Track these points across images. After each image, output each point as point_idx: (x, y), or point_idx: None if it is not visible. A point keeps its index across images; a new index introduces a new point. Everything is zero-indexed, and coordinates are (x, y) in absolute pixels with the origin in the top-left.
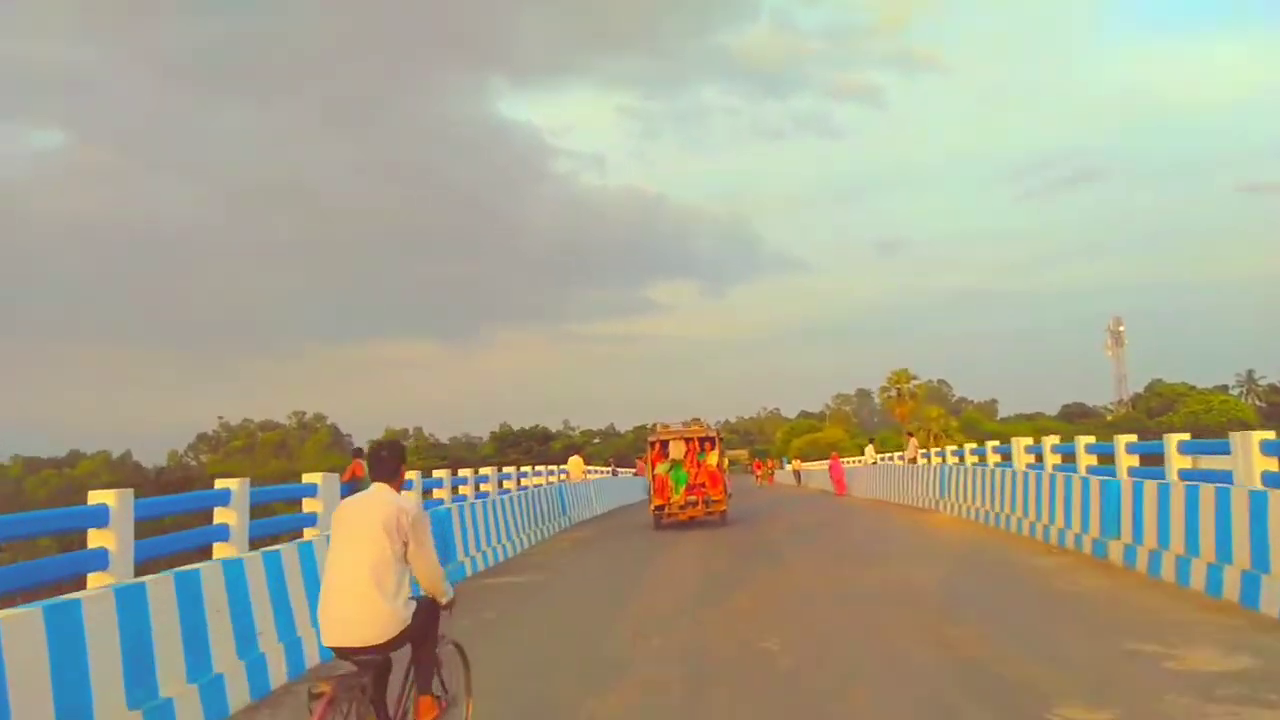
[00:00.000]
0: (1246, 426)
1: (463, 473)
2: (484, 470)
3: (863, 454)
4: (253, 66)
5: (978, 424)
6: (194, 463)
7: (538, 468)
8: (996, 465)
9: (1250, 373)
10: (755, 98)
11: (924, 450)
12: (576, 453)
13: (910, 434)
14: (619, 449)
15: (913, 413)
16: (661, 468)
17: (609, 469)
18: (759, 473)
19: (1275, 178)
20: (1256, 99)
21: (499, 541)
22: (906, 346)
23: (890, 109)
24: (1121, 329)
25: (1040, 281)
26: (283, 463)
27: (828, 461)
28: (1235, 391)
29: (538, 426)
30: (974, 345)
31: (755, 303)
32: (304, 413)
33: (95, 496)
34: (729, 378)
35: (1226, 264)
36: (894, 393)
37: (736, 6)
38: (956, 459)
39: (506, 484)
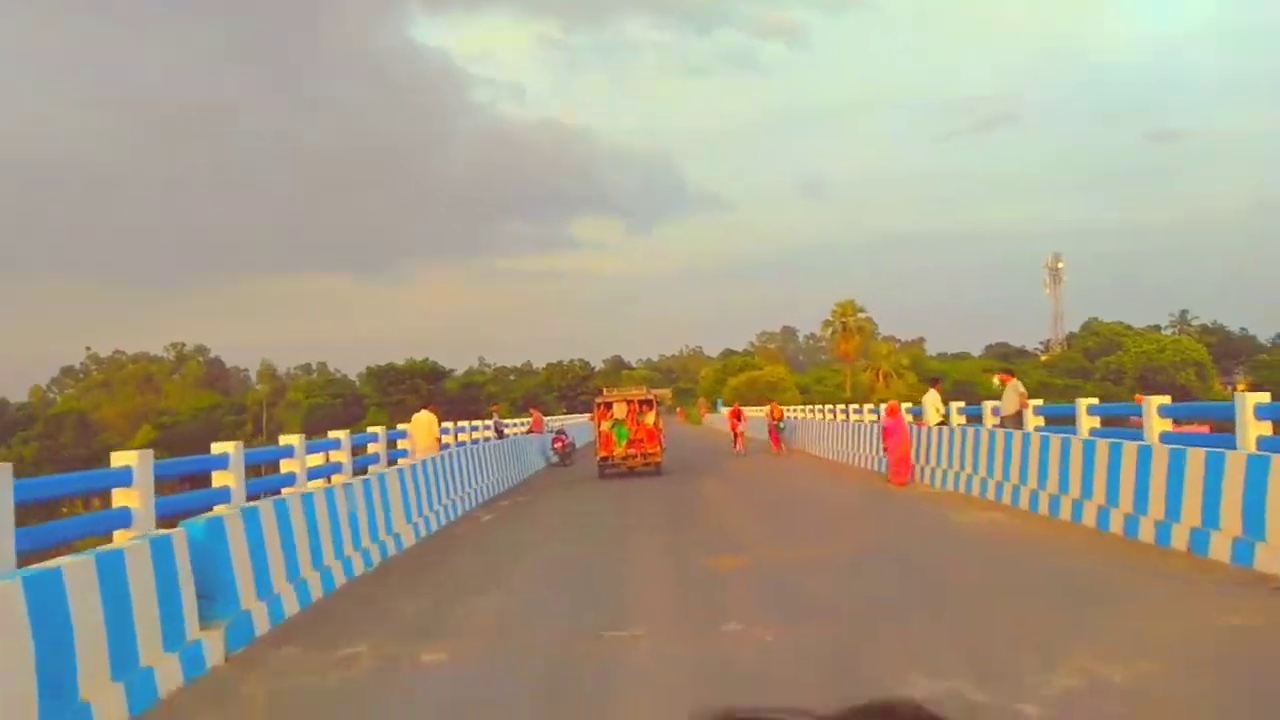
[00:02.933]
0: (1201, 368)
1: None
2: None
3: (920, 405)
4: None
5: (922, 362)
6: (57, 398)
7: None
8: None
9: (1184, 313)
10: (680, 32)
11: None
12: (436, 401)
13: (1008, 373)
14: (530, 389)
15: (860, 348)
16: (606, 425)
17: (513, 423)
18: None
19: (1181, 125)
20: (1170, 47)
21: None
22: (830, 286)
23: (814, 48)
24: (1060, 266)
25: (961, 223)
26: (149, 399)
27: (768, 411)
28: (1169, 332)
29: (426, 361)
30: (898, 286)
31: (679, 240)
32: (182, 344)
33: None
34: (651, 315)
35: (1139, 208)
36: (839, 326)
37: None
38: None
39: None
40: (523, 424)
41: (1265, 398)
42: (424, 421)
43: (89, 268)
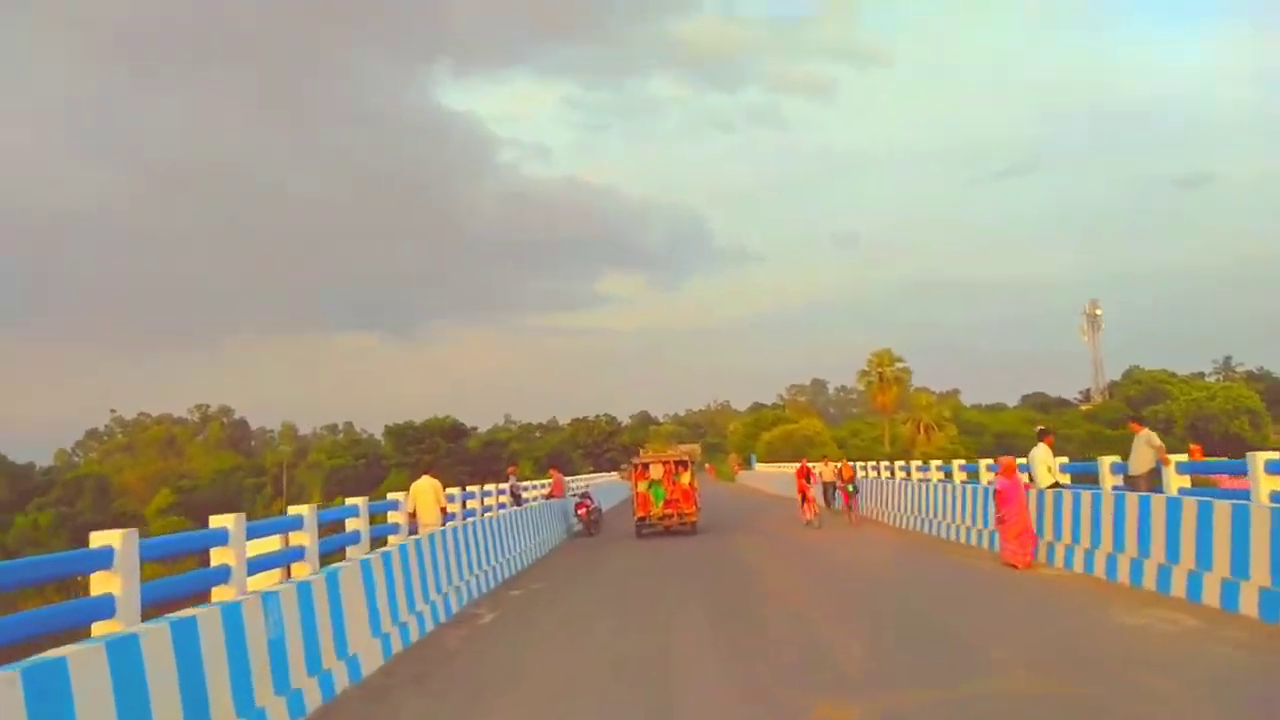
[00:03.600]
0: (1255, 415)
1: None
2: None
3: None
4: (187, 47)
5: (960, 414)
6: (80, 461)
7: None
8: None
9: (1228, 359)
10: (703, 89)
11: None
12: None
13: (1138, 421)
14: (554, 446)
15: (898, 400)
16: (643, 485)
17: (532, 485)
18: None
19: (1207, 169)
20: (1195, 94)
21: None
22: (857, 339)
23: (838, 102)
24: (1099, 313)
25: (989, 272)
26: (171, 461)
27: (819, 466)
28: (1213, 379)
29: (447, 418)
30: (928, 338)
31: (706, 295)
32: (206, 406)
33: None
34: (678, 370)
35: (1170, 254)
36: (875, 377)
37: None
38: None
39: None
40: (543, 485)
41: None
42: (425, 490)
43: (115, 328)
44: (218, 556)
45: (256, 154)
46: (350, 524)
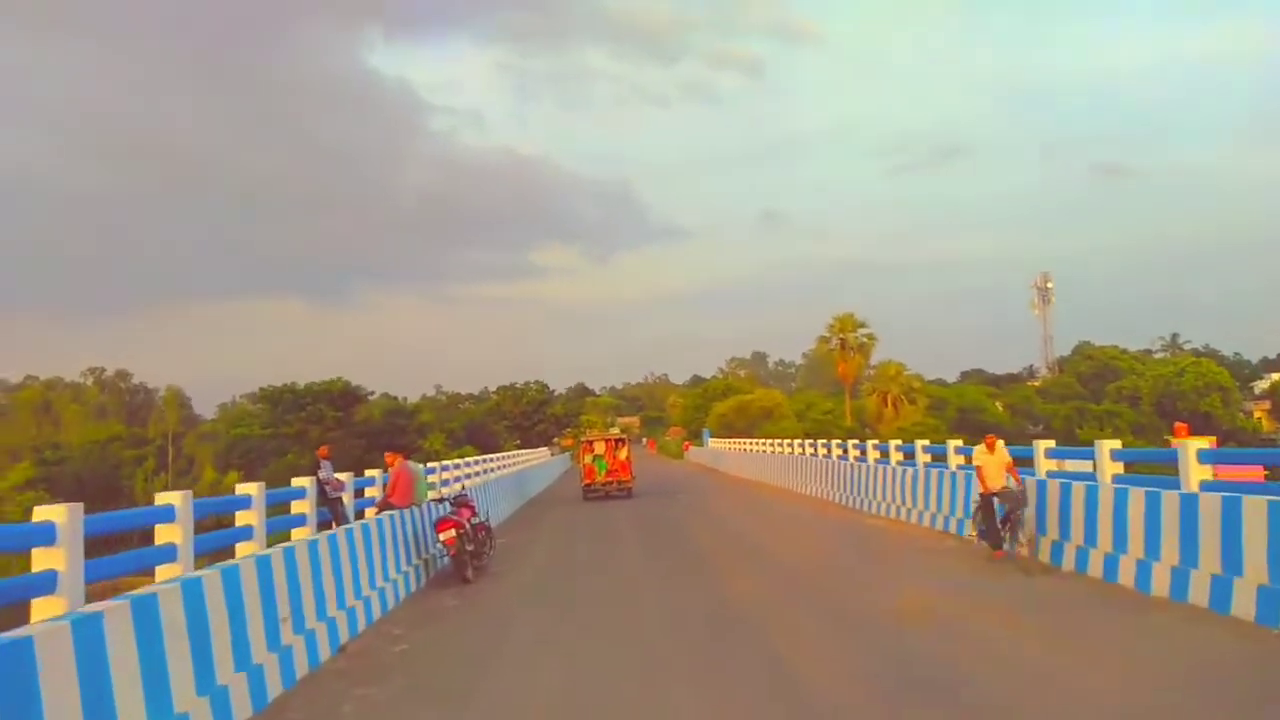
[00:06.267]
0: (1226, 393)
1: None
2: None
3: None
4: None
5: (925, 389)
6: None
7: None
8: None
9: (1175, 336)
10: (639, 62)
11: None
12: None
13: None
14: (476, 417)
15: (861, 370)
16: (588, 458)
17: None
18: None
19: (1126, 159)
20: (1115, 83)
21: None
22: (794, 316)
23: (772, 80)
24: (1050, 285)
25: (921, 252)
26: (46, 429)
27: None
28: (1159, 356)
29: (338, 381)
30: (861, 314)
31: (641, 268)
32: (101, 370)
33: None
34: (614, 343)
35: (1085, 238)
36: (835, 344)
37: None
38: None
39: None
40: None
41: None
42: None
43: (30, 292)
44: (163, 535)
45: (180, 117)
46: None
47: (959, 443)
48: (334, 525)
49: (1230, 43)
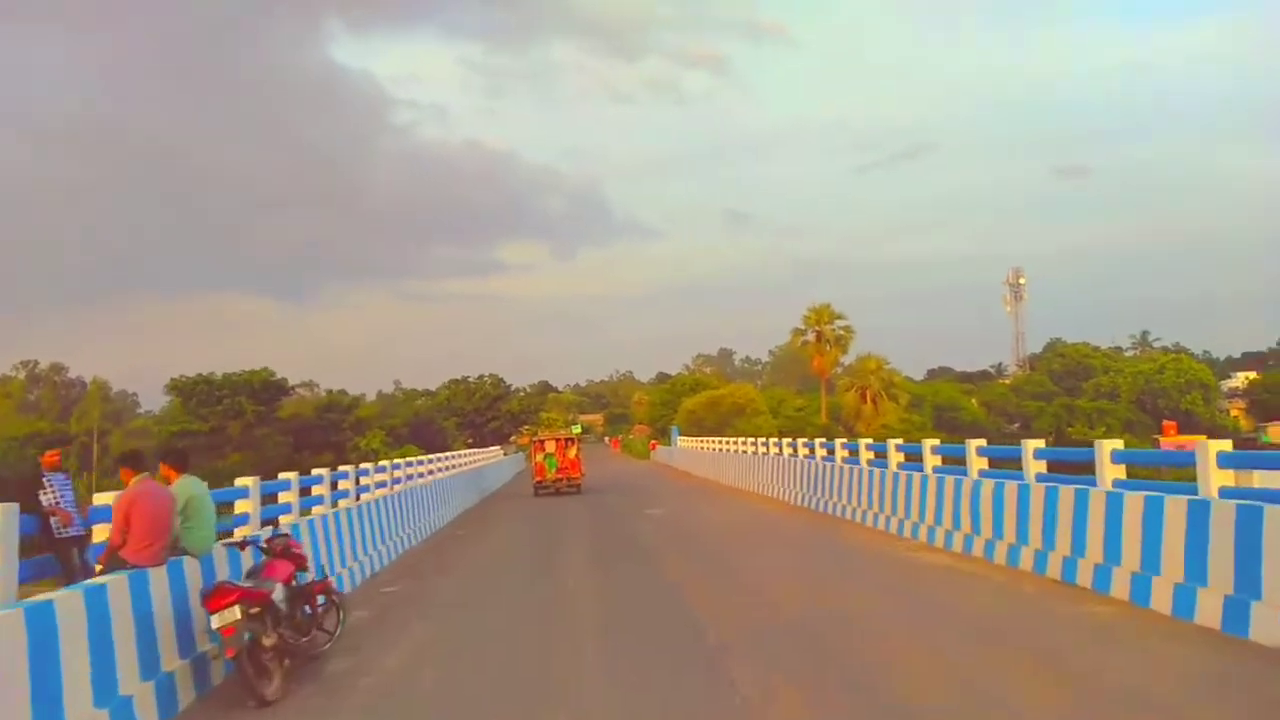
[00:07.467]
0: (1207, 390)
1: None
2: None
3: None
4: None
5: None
6: None
7: None
8: None
9: (1145, 334)
10: (605, 58)
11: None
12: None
13: None
14: (421, 412)
15: (837, 363)
16: (540, 457)
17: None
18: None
19: (1086, 161)
20: (1079, 85)
21: None
22: (760, 315)
23: (737, 78)
24: (1022, 282)
25: (882, 251)
26: None
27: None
28: (1130, 353)
29: (261, 371)
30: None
31: (605, 266)
32: (34, 363)
33: None
34: (578, 340)
35: (1051, 238)
36: (811, 336)
37: None
38: None
39: None
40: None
41: None
42: None
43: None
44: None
45: (140, 111)
46: None
47: (982, 442)
48: (61, 581)
49: (1195, 45)
